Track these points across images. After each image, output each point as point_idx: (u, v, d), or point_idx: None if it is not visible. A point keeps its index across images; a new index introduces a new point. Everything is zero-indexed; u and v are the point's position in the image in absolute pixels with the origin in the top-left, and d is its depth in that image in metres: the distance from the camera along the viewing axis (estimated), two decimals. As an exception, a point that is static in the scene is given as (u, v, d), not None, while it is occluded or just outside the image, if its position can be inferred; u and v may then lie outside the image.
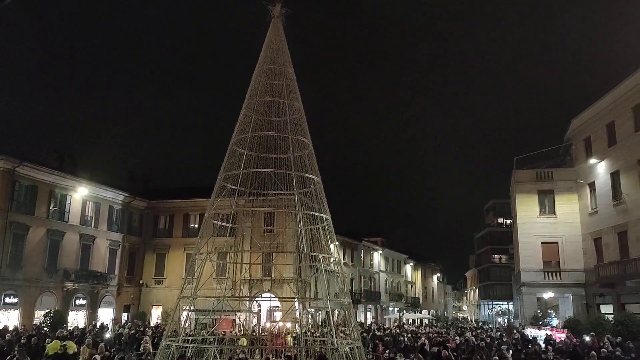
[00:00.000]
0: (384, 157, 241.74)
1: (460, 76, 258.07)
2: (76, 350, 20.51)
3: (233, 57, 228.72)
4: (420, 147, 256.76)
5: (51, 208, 39.55)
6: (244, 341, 22.85)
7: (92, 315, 42.20)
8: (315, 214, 17.53)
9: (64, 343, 20.43)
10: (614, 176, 33.98)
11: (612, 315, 31.65)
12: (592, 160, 36.19)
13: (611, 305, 33.54)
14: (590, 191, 36.95)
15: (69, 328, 31.62)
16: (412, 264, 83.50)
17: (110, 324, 40.57)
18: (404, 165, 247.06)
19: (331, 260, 17.99)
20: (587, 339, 25.67)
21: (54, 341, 21.62)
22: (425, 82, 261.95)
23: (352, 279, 58.23)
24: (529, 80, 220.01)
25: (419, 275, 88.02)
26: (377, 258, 69.61)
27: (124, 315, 46.77)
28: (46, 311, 36.05)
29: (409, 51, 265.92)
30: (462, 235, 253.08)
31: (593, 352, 19.53)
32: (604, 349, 20.83)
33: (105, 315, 44.14)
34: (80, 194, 41.95)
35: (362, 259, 64.09)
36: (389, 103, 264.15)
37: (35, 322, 35.72)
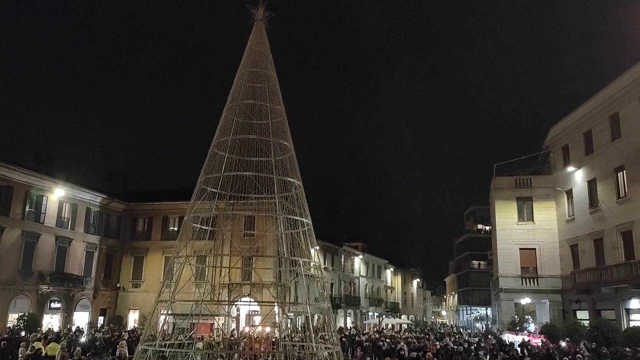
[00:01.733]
0: (364, 162, 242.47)
1: (441, 85, 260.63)
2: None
3: (215, 59, 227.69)
4: (401, 153, 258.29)
5: (27, 209, 38.79)
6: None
7: (67, 319, 41.42)
8: (296, 218, 17.46)
9: (50, 345, 20.24)
10: (591, 184, 34.52)
11: (588, 321, 32.08)
12: (570, 168, 36.72)
13: (587, 312, 34.00)
14: (568, 198, 37.48)
15: (42, 331, 30.98)
16: (392, 269, 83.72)
17: (86, 328, 39.90)
18: (385, 171, 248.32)
19: (311, 265, 17.92)
20: (564, 344, 25.98)
21: (51, 343, 21.40)
22: (405, 90, 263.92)
23: (332, 284, 58.14)
24: (509, 88, 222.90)
25: (398, 280, 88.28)
26: (358, 263, 69.65)
27: (100, 319, 46.01)
28: (20, 314, 35.29)
29: (391, 61, 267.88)
30: (442, 241, 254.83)
31: (565, 358, 19.75)
32: (579, 355, 21.08)
33: (81, 319, 43.38)
34: (57, 195, 41.21)
35: (342, 263, 64.06)
36: (370, 110, 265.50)
37: (8, 325, 34.94)
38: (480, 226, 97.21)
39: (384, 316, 73.04)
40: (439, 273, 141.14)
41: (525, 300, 38.91)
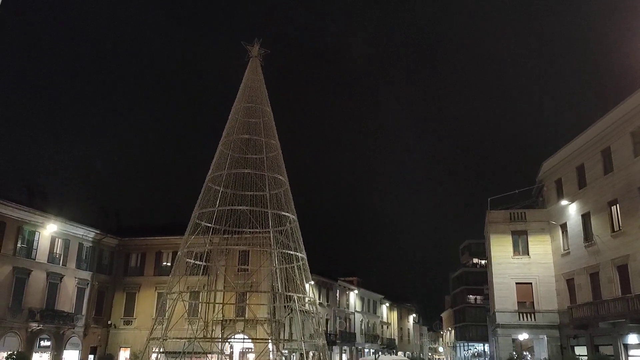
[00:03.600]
0: (360, 197, 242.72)
1: (432, 118, 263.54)
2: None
3: (209, 95, 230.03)
4: (396, 187, 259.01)
5: (18, 245, 38.39)
6: None
7: (56, 358, 40.50)
8: (291, 252, 17.39)
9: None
10: (585, 218, 34.57)
11: (587, 357, 31.60)
12: (564, 202, 36.83)
13: (585, 347, 33.57)
14: (563, 232, 37.46)
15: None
16: (387, 305, 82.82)
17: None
18: (380, 205, 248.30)
19: (306, 300, 17.73)
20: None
21: None
22: (399, 124, 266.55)
23: (327, 320, 57.35)
24: (502, 122, 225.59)
25: (394, 315, 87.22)
26: (353, 298, 68.89)
27: (90, 358, 44.99)
28: (9, 353, 34.49)
29: (384, 93, 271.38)
30: (438, 276, 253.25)
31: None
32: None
33: (71, 358, 42.44)
34: (50, 230, 40.85)
35: (337, 299, 63.33)
36: (366, 144, 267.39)
37: (-5, 364, 34.15)
38: (475, 260, 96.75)
39: (380, 353, 71.73)
40: (436, 308, 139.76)
41: (523, 336, 38.42)
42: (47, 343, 40.57)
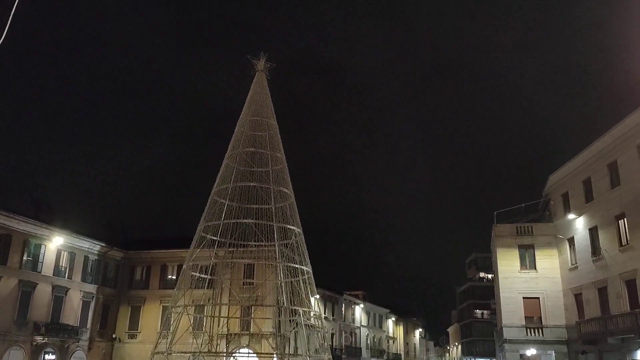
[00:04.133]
0: (365, 210, 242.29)
1: (439, 133, 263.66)
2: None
3: (215, 108, 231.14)
4: (401, 200, 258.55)
5: (24, 258, 38.49)
6: None
7: (60, 371, 40.36)
8: (296, 266, 17.33)
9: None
10: (592, 232, 34.32)
11: (596, 373, 31.18)
12: (570, 216, 36.60)
13: (594, 363, 33.13)
14: (570, 246, 37.18)
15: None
16: (393, 319, 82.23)
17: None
18: (385, 219, 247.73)
19: (312, 314, 17.64)
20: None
21: None
22: (405, 137, 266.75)
23: (332, 334, 56.96)
24: (508, 136, 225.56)
25: (400, 330, 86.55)
26: (359, 312, 68.46)
27: (95, 372, 44.83)
28: (13, 366, 34.42)
29: (392, 109, 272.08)
30: (444, 290, 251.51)
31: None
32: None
33: (75, 372, 42.27)
34: (55, 243, 40.95)
35: (342, 313, 62.94)
36: (371, 160, 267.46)
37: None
38: (482, 274, 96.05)
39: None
40: (442, 323, 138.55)
41: (531, 352, 37.97)
42: (52, 357, 40.47)
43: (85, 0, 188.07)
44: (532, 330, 37.58)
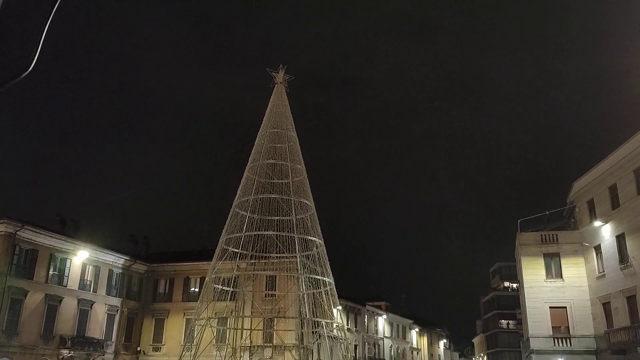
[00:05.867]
0: (386, 220, 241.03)
1: (460, 140, 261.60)
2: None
3: (239, 122, 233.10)
4: (423, 209, 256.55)
5: (50, 272, 39.10)
6: None
7: (87, 384, 40.72)
8: (318, 277, 17.29)
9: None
10: (620, 239, 33.62)
11: (627, 384, 30.39)
12: (597, 223, 35.92)
13: (624, 374, 32.32)
14: (597, 254, 36.45)
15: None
16: (417, 330, 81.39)
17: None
18: (407, 229, 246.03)
19: (334, 326, 17.55)
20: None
21: None
22: (426, 146, 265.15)
23: (355, 346, 56.57)
24: (533, 140, 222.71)
25: (424, 341, 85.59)
26: (382, 323, 67.91)
27: (120, 384, 45.15)
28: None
29: (411, 120, 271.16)
30: (469, 300, 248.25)
31: None
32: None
33: (101, 384, 42.60)
34: (81, 257, 41.55)
35: (365, 324, 62.52)
36: (392, 167, 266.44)
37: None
38: (507, 284, 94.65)
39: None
40: (467, 333, 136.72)
41: (559, 362, 37.21)
42: (78, 370, 40.88)
43: (109, 25, 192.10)
44: (559, 340, 36.84)
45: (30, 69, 2.14)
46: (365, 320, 62.66)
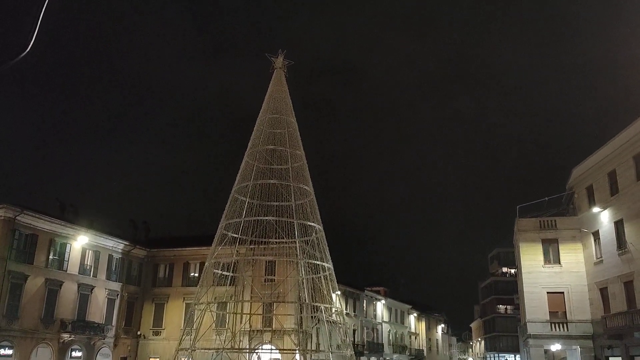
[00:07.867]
0: (386, 206, 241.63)
1: (460, 127, 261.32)
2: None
3: (238, 110, 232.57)
4: (423, 195, 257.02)
5: (50, 257, 39.21)
6: None
7: (87, 368, 41.06)
8: (317, 262, 17.36)
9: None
10: (618, 225, 33.71)
11: (622, 368, 30.69)
12: (595, 209, 35.99)
13: (620, 358, 32.60)
14: (595, 240, 36.58)
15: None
16: (415, 315, 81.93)
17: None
18: (407, 215, 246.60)
19: (333, 311, 17.66)
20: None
21: None
22: (426, 135, 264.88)
23: (354, 330, 56.97)
24: (531, 128, 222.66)
25: (422, 326, 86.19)
26: (380, 308, 68.34)
27: (121, 368, 45.52)
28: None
29: (410, 109, 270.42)
30: (467, 285, 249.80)
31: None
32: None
33: (101, 368, 42.96)
34: (80, 242, 41.65)
35: (364, 309, 62.90)
36: (392, 155, 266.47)
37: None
38: (505, 269, 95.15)
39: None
40: (465, 318, 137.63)
41: (556, 347, 37.52)
42: (79, 354, 41.21)
43: (113, 18, 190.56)
44: (556, 325, 37.11)
45: (29, 49, 2.14)
46: (364, 305, 63.03)
